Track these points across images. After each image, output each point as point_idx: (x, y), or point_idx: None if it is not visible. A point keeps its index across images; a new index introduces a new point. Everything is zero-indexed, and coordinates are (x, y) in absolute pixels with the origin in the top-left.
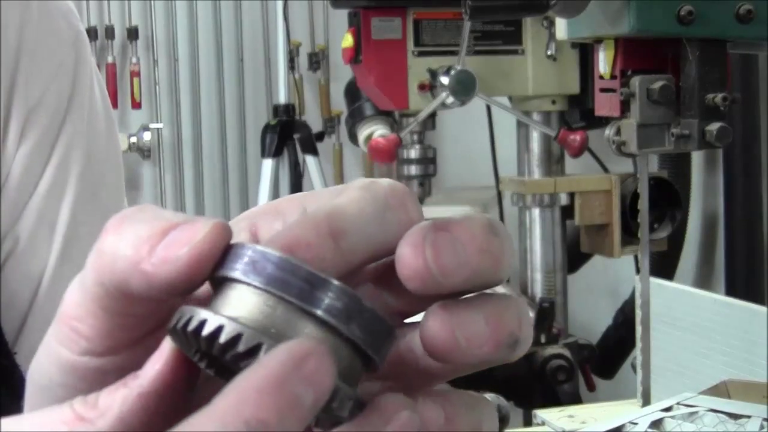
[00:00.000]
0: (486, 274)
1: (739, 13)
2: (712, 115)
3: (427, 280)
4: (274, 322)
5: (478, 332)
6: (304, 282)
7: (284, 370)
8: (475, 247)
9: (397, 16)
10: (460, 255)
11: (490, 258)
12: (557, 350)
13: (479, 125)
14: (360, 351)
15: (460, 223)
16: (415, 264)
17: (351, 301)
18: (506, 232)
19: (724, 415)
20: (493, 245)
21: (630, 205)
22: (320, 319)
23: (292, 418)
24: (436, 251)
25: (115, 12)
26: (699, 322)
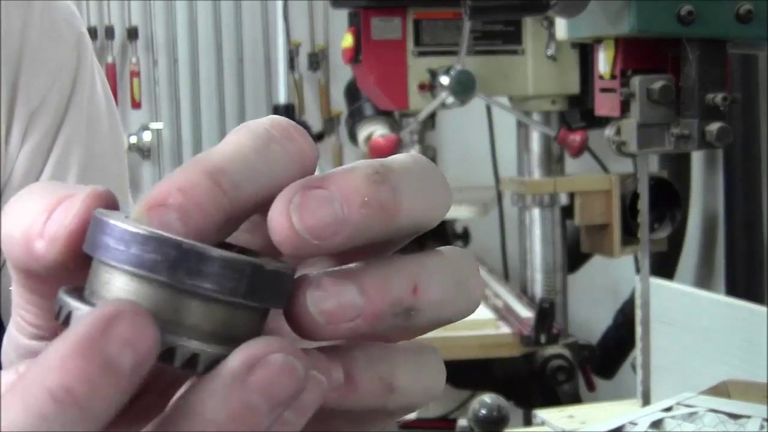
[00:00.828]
0: (375, 227)
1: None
2: (712, 115)
3: (298, 244)
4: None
5: (344, 305)
6: (153, 250)
7: (90, 331)
8: (356, 201)
9: (397, 16)
10: (336, 213)
11: (377, 210)
12: (557, 350)
13: (479, 125)
14: (228, 303)
15: (337, 176)
16: (281, 228)
17: (194, 256)
18: (410, 167)
19: (724, 415)
20: (381, 194)
21: (630, 205)
22: (169, 284)
23: (109, 384)
24: (303, 213)
25: (115, 12)
26: (699, 322)
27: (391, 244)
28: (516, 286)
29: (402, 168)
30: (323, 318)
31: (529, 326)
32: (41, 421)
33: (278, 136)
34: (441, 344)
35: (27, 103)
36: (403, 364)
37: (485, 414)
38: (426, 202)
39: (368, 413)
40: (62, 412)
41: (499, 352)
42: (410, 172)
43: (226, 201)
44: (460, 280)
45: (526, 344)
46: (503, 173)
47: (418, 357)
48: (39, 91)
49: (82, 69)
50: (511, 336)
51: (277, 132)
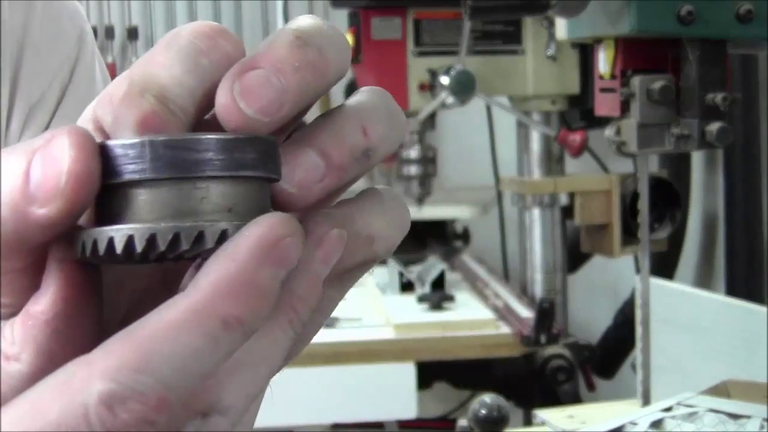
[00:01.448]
0: (312, 87)
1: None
2: (712, 115)
3: (252, 125)
4: (191, 205)
5: (308, 169)
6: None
7: (252, 258)
8: (289, 69)
9: (397, 16)
10: (276, 85)
11: (309, 71)
12: (557, 350)
13: (479, 125)
14: (263, 179)
15: (265, 53)
16: (232, 116)
17: (228, 143)
18: (321, 28)
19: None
20: (308, 55)
21: (630, 205)
22: (219, 177)
23: (268, 307)
24: (247, 97)
25: (115, 12)
26: (699, 322)
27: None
28: (516, 286)
29: (315, 28)
30: (295, 188)
31: (529, 326)
32: (213, 344)
33: (205, 47)
34: (441, 344)
35: (27, 98)
36: (374, 214)
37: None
38: (342, 54)
39: (358, 266)
40: (230, 336)
41: (499, 352)
42: (321, 30)
43: (178, 122)
44: (390, 113)
45: (526, 344)
46: (503, 173)
47: (381, 203)
48: (39, 87)
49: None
50: (511, 336)
51: (203, 44)
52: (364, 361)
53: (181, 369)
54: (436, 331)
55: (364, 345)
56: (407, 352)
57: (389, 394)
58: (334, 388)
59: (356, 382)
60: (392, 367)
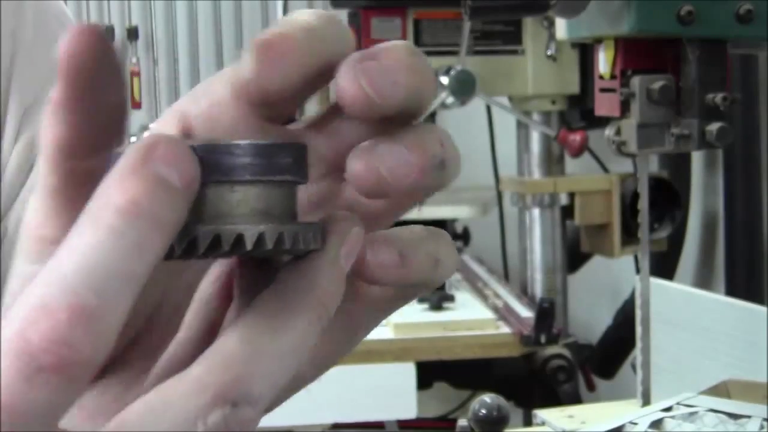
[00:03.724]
0: (419, 92)
1: (739, 13)
2: (712, 115)
3: (367, 103)
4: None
5: (401, 161)
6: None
7: (136, 156)
8: (404, 67)
9: (397, 16)
10: (392, 76)
11: (419, 76)
12: (557, 350)
13: (479, 125)
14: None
15: (386, 49)
16: (353, 90)
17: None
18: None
19: (724, 415)
20: (419, 64)
21: (630, 205)
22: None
23: (167, 194)
24: (369, 77)
25: (115, 12)
26: (699, 322)
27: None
28: (516, 286)
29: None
30: (389, 174)
31: (529, 326)
32: (113, 234)
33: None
34: (441, 344)
35: (21, 101)
36: (440, 241)
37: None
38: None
39: (419, 287)
40: (131, 223)
41: (499, 352)
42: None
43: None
44: (452, 145)
45: (526, 344)
46: (503, 173)
47: (441, 236)
48: (33, 89)
49: None
50: (511, 336)
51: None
52: (363, 361)
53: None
54: (436, 331)
55: (364, 345)
56: (407, 352)
57: (389, 394)
58: (334, 388)
59: (356, 382)
60: (392, 367)
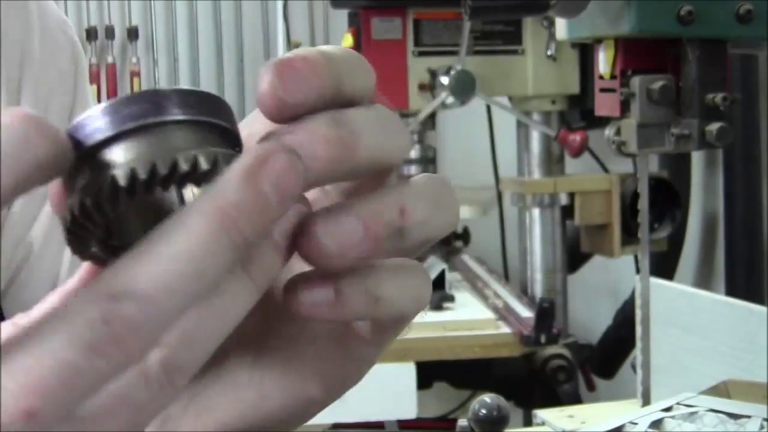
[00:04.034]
0: (338, 163)
1: (739, 13)
2: (712, 115)
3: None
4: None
5: (346, 233)
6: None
7: (254, 164)
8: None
9: (397, 16)
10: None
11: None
12: (557, 350)
13: (479, 125)
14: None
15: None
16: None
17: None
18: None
19: (724, 415)
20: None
21: (630, 205)
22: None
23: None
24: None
25: (115, 12)
26: (699, 322)
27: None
28: (516, 286)
29: (358, 113)
30: (336, 246)
31: (529, 326)
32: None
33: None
34: (441, 344)
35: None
36: (387, 277)
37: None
38: (384, 141)
39: (363, 325)
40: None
41: (499, 352)
42: (367, 115)
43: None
44: (438, 200)
45: (526, 344)
46: (503, 173)
47: (401, 270)
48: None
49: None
50: (511, 336)
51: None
52: None
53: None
54: (436, 331)
55: None
56: (407, 352)
57: (389, 394)
58: None
59: None
60: (392, 367)
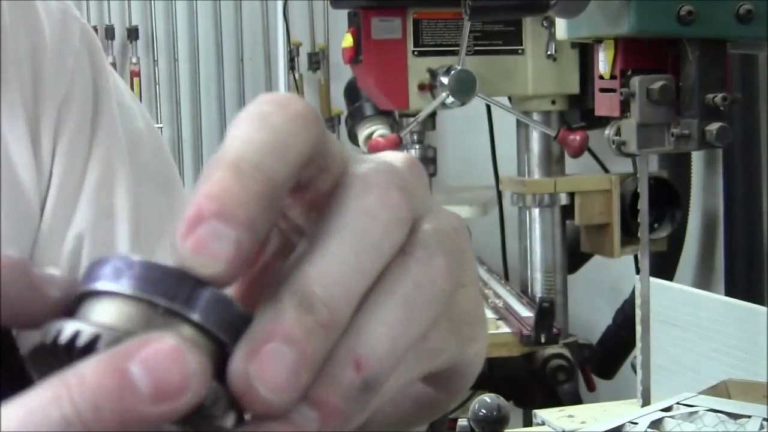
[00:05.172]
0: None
1: (739, 13)
2: (712, 115)
3: (262, 405)
4: (135, 324)
5: (305, 426)
6: (165, 281)
7: (117, 354)
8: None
9: (397, 16)
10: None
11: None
12: (557, 350)
13: (479, 125)
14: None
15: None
16: (243, 392)
17: (211, 295)
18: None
19: (724, 415)
20: (313, 339)
21: (630, 205)
22: (189, 319)
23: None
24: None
25: (115, 12)
26: (699, 322)
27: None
28: (516, 286)
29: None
30: (275, 400)
31: (529, 326)
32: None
33: (271, 109)
34: None
35: (53, 97)
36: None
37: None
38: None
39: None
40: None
41: (499, 352)
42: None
43: (256, 184)
44: (412, 301)
45: (526, 344)
46: (503, 173)
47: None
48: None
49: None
50: (511, 336)
51: (268, 107)
52: None
53: None
54: None
55: None
56: None
57: None
58: None
59: None
60: None
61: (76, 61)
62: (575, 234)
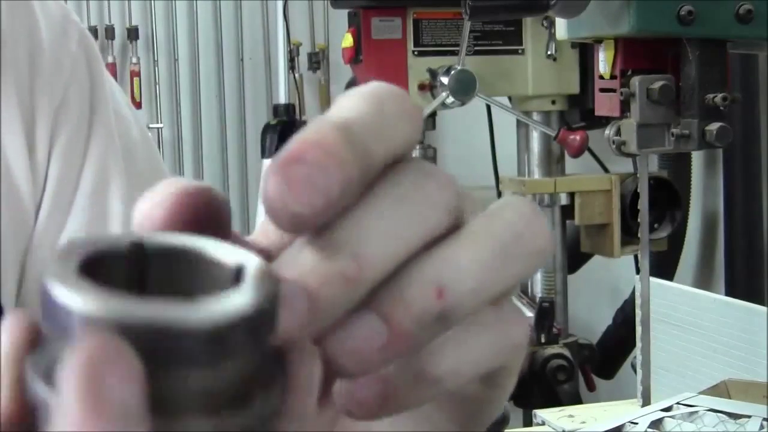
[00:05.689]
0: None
1: (739, 13)
2: (712, 115)
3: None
4: None
5: (368, 338)
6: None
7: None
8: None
9: (397, 16)
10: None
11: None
12: (557, 350)
13: (479, 125)
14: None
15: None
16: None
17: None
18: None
19: (724, 415)
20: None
21: (630, 205)
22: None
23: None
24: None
25: (115, 12)
26: (699, 322)
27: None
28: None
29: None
30: (353, 360)
31: (529, 326)
32: None
33: (387, 95)
34: None
35: (50, 101)
36: (445, 348)
37: None
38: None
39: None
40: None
41: None
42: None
43: (359, 159)
44: (504, 245)
45: None
46: (503, 173)
47: (466, 330)
48: (59, 88)
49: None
50: None
51: (384, 92)
52: None
53: None
54: None
55: None
56: None
57: None
58: None
59: None
60: None
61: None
62: (575, 234)
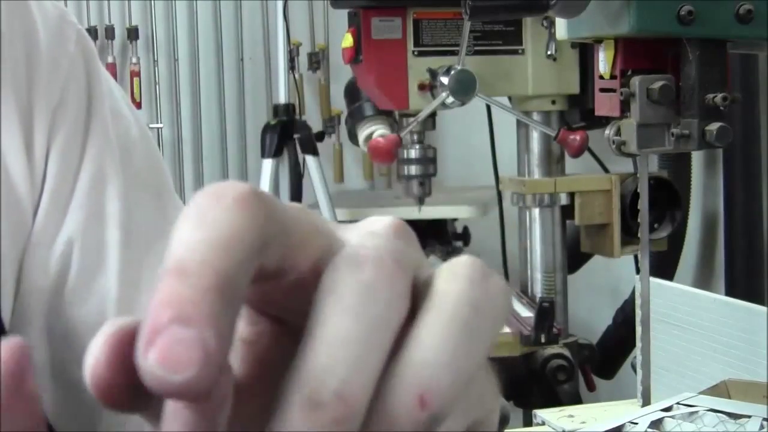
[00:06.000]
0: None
1: (739, 13)
2: (712, 115)
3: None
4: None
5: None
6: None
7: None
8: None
9: (397, 16)
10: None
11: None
12: (557, 350)
13: (479, 125)
14: None
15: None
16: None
17: None
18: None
19: (724, 415)
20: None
21: (630, 205)
22: None
23: None
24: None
25: (115, 12)
26: (699, 322)
27: None
28: (516, 286)
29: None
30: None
31: (529, 326)
32: None
33: (207, 203)
34: None
35: (47, 100)
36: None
37: None
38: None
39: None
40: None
41: (499, 352)
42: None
43: (204, 281)
44: (466, 324)
45: (526, 344)
46: (503, 173)
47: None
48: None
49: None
50: (511, 336)
51: (204, 201)
52: None
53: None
54: None
55: None
56: None
57: None
58: None
59: None
60: None
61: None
62: (575, 234)
